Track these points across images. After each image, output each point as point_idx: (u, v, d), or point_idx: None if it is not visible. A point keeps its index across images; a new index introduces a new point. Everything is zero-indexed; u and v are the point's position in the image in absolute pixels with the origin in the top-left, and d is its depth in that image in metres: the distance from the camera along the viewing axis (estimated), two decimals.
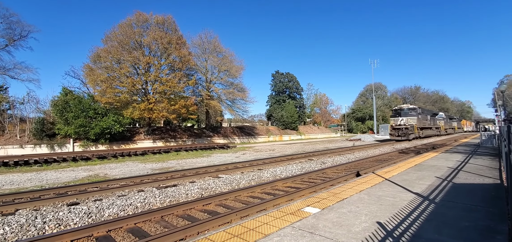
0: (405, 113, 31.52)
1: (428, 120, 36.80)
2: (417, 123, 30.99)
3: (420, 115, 32.58)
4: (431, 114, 40.65)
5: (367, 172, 9.39)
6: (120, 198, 6.81)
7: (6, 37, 28.32)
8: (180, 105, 28.07)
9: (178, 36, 29.62)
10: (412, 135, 29.88)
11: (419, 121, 31.62)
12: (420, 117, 32.31)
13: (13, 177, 11.55)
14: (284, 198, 6.53)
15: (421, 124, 32.45)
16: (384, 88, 78.92)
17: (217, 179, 9.36)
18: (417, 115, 31.55)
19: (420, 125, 31.97)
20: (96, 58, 26.84)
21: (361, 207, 4.67)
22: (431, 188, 6.06)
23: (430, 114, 39.81)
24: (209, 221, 4.94)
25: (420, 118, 32.39)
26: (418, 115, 31.87)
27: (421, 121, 32.85)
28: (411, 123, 30.47)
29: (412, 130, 30.00)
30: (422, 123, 32.90)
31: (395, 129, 30.90)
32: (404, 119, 31.00)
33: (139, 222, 5.23)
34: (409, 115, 31.17)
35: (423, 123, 33.63)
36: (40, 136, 23.15)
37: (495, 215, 4.15)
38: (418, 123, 31.33)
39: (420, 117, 32.28)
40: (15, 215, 5.66)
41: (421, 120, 32.53)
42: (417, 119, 30.96)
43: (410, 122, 30.59)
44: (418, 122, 31.33)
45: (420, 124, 31.98)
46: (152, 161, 17.24)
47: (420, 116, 32.45)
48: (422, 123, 32.90)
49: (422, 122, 32.94)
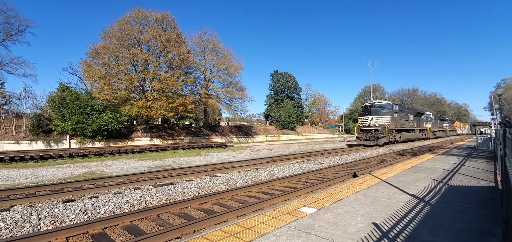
0: (375, 111, 24.85)
1: (410, 120, 30.65)
2: (392, 123, 24.87)
3: (396, 114, 26.18)
4: (415, 113, 33.71)
5: (363, 173, 9.42)
6: (116, 196, 6.79)
7: (4, 32, 28.11)
8: (178, 103, 28.01)
9: (177, 34, 29.53)
10: (383, 138, 23.40)
11: (394, 121, 25.51)
12: (396, 116, 26.06)
13: (9, 173, 11.47)
14: (281, 198, 6.54)
15: (397, 124, 26.35)
16: (382, 90, 79.24)
17: (214, 177, 9.35)
18: (392, 113, 25.20)
19: (396, 125, 25.90)
20: (94, 55, 26.70)
21: (358, 208, 4.68)
22: (427, 189, 6.09)
23: (414, 113, 33.01)
24: (206, 220, 4.93)
25: (397, 117, 26.21)
26: (393, 113, 25.52)
27: (398, 121, 26.65)
28: (383, 123, 24.02)
29: (383, 132, 23.54)
30: (400, 123, 26.91)
31: (363, 130, 24.64)
32: (374, 118, 24.33)
33: (135, 220, 5.21)
34: (380, 114, 24.52)
35: (401, 124, 27.46)
36: (37, 132, 22.98)
37: (490, 218, 4.18)
38: (393, 123, 25.29)
39: (396, 117, 26.04)
40: (10, 211, 5.62)
41: (397, 120, 26.35)
42: (391, 119, 24.70)
43: (381, 122, 24.05)
44: (393, 122, 25.27)
45: (396, 124, 25.90)
46: (149, 158, 17.18)
47: (396, 115, 26.12)
48: (400, 123, 26.91)
49: (400, 122, 26.91)
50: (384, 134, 23.57)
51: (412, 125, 31.23)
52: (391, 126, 24.82)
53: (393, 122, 25.24)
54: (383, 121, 24.22)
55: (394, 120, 25.52)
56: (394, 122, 25.64)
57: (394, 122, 25.47)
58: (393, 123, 25.22)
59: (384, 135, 23.57)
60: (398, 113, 26.73)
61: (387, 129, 23.93)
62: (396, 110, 26.51)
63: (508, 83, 75.89)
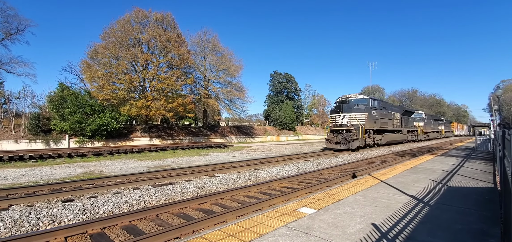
0: (348, 107, 20.23)
1: (397, 120, 26.56)
2: (369, 123, 20.57)
3: (375, 111, 21.77)
4: (403, 112, 29.30)
5: (363, 174, 9.43)
6: (115, 195, 6.78)
7: (3, 31, 28.08)
8: (178, 103, 27.99)
9: (177, 34, 29.53)
10: (356, 141, 19.00)
11: (372, 120, 21.11)
12: (375, 114, 21.65)
13: (8, 172, 11.44)
14: (280, 198, 6.54)
15: (377, 124, 22.05)
16: (381, 91, 79.33)
17: (213, 178, 9.35)
18: (369, 110, 20.69)
19: (374, 125, 21.60)
20: (94, 54, 26.67)
21: (357, 209, 4.69)
22: (426, 190, 6.10)
23: (400, 111, 28.58)
24: (205, 220, 4.93)
25: (376, 116, 21.78)
26: (371, 111, 21.09)
27: (378, 120, 22.28)
28: (356, 122, 19.50)
29: (356, 134, 19.13)
30: (380, 122, 22.59)
31: (333, 131, 20.31)
32: (347, 116, 19.75)
33: (134, 220, 5.21)
34: (355, 111, 19.94)
35: (383, 123, 23.22)
36: (36, 131, 22.95)
37: (488, 219, 4.19)
38: (371, 122, 20.95)
39: (375, 115, 21.64)
40: (9, 210, 5.61)
41: (376, 118, 21.87)
42: (367, 117, 20.15)
43: (354, 121, 19.53)
44: (371, 121, 20.96)
45: (374, 124, 21.62)
46: (148, 158, 17.17)
47: (375, 113, 21.71)
48: (380, 122, 22.59)
49: (380, 121, 22.55)
50: (357, 136, 19.12)
51: (399, 125, 27.10)
52: (368, 126, 20.46)
53: (370, 120, 20.88)
54: (356, 119, 19.57)
55: (371, 118, 21.09)
56: (372, 121, 21.26)
57: (371, 121, 21.11)
58: (370, 121, 20.89)
59: (358, 137, 19.07)
60: (378, 111, 22.29)
61: (361, 129, 19.38)
62: (376, 107, 22.11)
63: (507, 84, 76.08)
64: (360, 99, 21.19)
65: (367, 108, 20.60)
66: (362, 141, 19.62)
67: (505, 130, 4.28)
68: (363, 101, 20.98)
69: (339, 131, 19.92)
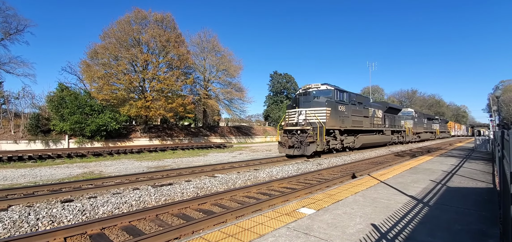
0: (306, 101, 15.81)
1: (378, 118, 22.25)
2: (331, 120, 15.78)
3: (342, 106, 16.85)
4: (386, 109, 24.56)
5: (362, 174, 9.43)
6: (115, 196, 6.77)
7: (2, 31, 28.05)
8: (178, 103, 28.00)
9: (177, 34, 29.55)
10: (313, 145, 14.40)
11: (336, 117, 16.28)
12: (342, 110, 16.85)
13: (7, 173, 11.42)
14: (280, 199, 6.54)
15: (346, 122, 17.26)
16: (381, 91, 79.41)
17: (213, 178, 9.34)
18: (333, 105, 15.91)
19: (342, 123, 16.81)
20: (94, 55, 26.68)
21: (356, 209, 4.69)
22: (425, 191, 6.10)
23: (383, 108, 24.04)
24: (204, 221, 4.93)
25: (344, 112, 17.07)
26: (336, 105, 16.26)
27: (348, 118, 17.52)
28: (315, 119, 15.00)
29: (313, 136, 14.66)
30: (351, 120, 17.80)
31: (287, 131, 15.82)
32: (304, 113, 15.36)
33: (133, 220, 5.20)
34: (313, 105, 15.50)
35: (355, 122, 18.37)
36: (35, 131, 22.92)
37: (488, 219, 4.20)
38: (335, 119, 16.21)
39: (342, 111, 16.86)
40: (8, 211, 5.60)
41: (344, 116, 17.13)
42: (329, 114, 15.47)
43: (312, 118, 15.10)
44: (336, 118, 16.23)
45: (342, 122, 16.81)
46: (148, 159, 17.16)
47: (342, 108, 16.83)
48: (351, 120, 17.80)
49: (351, 118, 17.81)
50: (315, 137, 14.52)
51: (380, 124, 22.78)
52: (331, 124, 15.73)
53: (335, 118, 16.06)
54: (315, 116, 14.91)
55: (337, 115, 16.30)
56: (338, 118, 16.46)
57: (337, 118, 16.31)
58: (334, 119, 16.07)
59: (314, 140, 14.42)
60: (347, 106, 17.46)
61: (320, 129, 14.67)
62: (344, 101, 17.23)
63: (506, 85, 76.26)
64: (322, 90, 16.25)
65: (330, 102, 15.82)
66: (322, 144, 14.87)
67: (504, 130, 4.29)
68: (326, 93, 16.21)
69: (293, 131, 15.36)
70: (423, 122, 37.71)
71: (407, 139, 30.03)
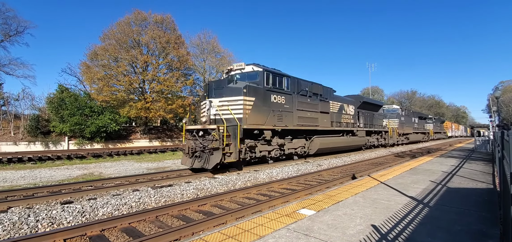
0: (218, 89, 10.97)
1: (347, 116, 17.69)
2: (253, 117, 10.79)
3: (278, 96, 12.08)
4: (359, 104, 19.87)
5: (362, 175, 9.43)
6: (115, 197, 6.76)
7: (2, 33, 28.10)
8: (177, 105, 28.00)
9: (177, 36, 29.58)
10: (217, 153, 9.54)
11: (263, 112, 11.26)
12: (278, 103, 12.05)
13: (6, 174, 11.41)
14: (280, 200, 6.54)
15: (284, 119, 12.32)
16: (381, 92, 79.48)
17: (213, 179, 9.33)
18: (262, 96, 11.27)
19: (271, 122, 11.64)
20: (93, 56, 26.71)
21: (356, 210, 4.69)
22: (425, 191, 6.10)
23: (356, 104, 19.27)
24: (204, 222, 4.92)
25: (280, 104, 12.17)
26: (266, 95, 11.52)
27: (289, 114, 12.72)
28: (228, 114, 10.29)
29: (219, 140, 9.54)
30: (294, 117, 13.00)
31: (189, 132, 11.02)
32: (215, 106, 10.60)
33: (133, 222, 5.19)
34: (227, 95, 10.67)
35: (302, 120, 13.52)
36: (35, 133, 22.92)
37: (488, 220, 4.20)
38: (259, 116, 11.06)
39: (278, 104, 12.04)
40: (8, 212, 5.59)
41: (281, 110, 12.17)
42: (249, 108, 10.63)
43: (226, 113, 10.35)
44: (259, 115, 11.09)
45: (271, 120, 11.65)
46: (148, 160, 17.14)
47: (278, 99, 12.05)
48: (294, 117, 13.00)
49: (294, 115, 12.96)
50: (221, 143, 9.62)
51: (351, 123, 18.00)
52: (255, 121, 10.84)
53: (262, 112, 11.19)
54: (228, 110, 10.34)
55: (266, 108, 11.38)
56: (269, 113, 11.49)
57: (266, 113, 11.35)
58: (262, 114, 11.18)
59: (220, 146, 9.56)
60: (288, 96, 12.53)
61: (233, 130, 10.09)
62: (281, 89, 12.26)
63: (506, 85, 76.35)
64: (247, 73, 11.49)
65: (254, 90, 10.81)
66: (235, 151, 10.02)
67: (503, 131, 4.29)
68: (252, 76, 11.34)
69: (195, 132, 10.59)
70: (413, 121, 33.46)
71: (391, 141, 25.42)
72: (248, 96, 10.70)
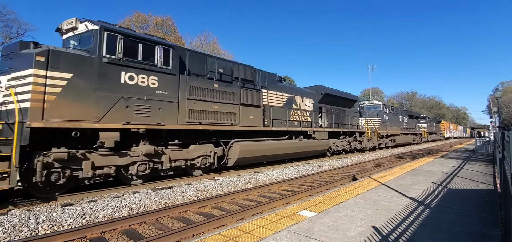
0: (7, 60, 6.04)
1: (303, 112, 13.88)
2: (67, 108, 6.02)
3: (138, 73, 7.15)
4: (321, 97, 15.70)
5: (363, 176, 9.42)
6: (115, 199, 6.75)
7: (3, 35, 28.13)
8: None
9: (177, 38, 29.69)
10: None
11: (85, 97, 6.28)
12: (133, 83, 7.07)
13: None
14: (280, 201, 6.53)
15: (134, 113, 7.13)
16: (381, 93, 79.54)
17: (213, 181, 9.32)
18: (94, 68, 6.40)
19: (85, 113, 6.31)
20: None
21: (357, 211, 4.68)
22: (426, 193, 6.09)
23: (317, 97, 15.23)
24: (205, 224, 4.92)
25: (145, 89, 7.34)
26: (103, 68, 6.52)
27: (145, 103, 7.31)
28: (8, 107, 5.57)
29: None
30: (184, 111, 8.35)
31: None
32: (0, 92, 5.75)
33: (133, 224, 5.19)
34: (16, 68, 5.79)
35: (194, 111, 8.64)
36: None
37: (488, 221, 4.19)
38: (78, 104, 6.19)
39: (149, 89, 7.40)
40: (8, 215, 5.58)
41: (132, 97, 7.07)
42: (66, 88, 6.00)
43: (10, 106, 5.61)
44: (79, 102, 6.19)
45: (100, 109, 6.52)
46: None
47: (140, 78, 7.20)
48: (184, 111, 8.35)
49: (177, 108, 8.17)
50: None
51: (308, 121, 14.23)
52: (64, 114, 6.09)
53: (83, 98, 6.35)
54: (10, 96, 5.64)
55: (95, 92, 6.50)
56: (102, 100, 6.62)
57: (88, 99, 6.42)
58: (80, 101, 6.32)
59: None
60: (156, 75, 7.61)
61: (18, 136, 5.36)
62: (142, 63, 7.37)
63: (506, 86, 76.42)
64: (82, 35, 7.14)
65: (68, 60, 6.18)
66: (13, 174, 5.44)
67: (504, 131, 4.29)
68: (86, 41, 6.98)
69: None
70: (402, 121, 28.42)
71: (370, 145, 20.42)
72: (53, 70, 5.93)
